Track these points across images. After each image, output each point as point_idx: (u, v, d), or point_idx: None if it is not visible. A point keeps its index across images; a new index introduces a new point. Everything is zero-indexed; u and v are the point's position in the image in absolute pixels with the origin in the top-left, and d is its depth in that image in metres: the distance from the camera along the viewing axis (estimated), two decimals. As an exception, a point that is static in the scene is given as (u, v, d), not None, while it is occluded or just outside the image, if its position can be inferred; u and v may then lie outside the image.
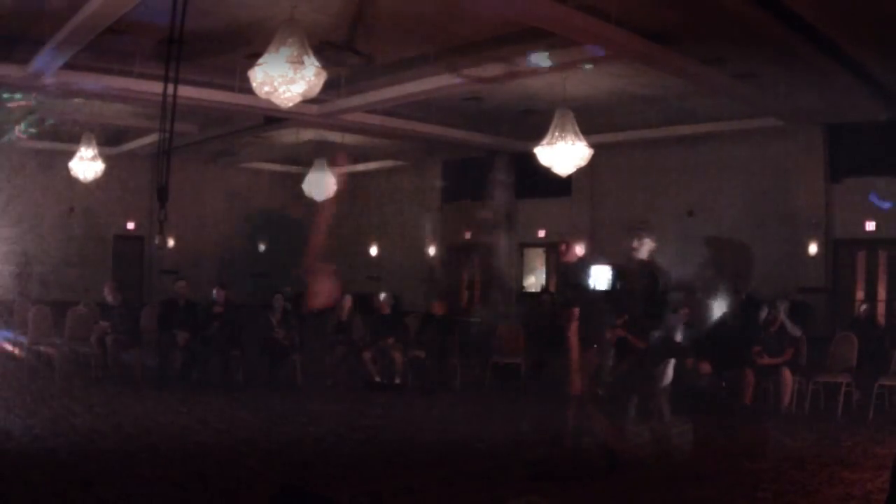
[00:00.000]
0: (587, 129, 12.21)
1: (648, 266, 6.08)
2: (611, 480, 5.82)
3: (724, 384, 8.60)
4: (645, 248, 6.07)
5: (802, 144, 15.05)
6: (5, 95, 13.23)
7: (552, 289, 17.35)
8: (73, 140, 16.02)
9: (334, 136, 17.25)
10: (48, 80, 11.79)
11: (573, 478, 5.83)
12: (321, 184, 16.46)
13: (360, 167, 22.68)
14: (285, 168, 22.46)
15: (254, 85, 8.02)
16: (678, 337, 8.63)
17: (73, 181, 15.98)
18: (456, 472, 6.30)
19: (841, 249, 15.02)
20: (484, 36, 10.27)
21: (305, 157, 17.98)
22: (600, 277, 5.93)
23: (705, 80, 11.65)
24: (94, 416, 7.89)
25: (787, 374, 9.10)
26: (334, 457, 6.81)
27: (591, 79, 12.02)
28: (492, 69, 11.17)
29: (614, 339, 7.22)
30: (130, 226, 21.36)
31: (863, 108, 13.09)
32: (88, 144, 15.40)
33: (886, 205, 12.73)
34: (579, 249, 6.49)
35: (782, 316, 9.53)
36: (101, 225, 20.93)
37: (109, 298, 10.92)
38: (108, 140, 18.11)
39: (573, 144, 11.52)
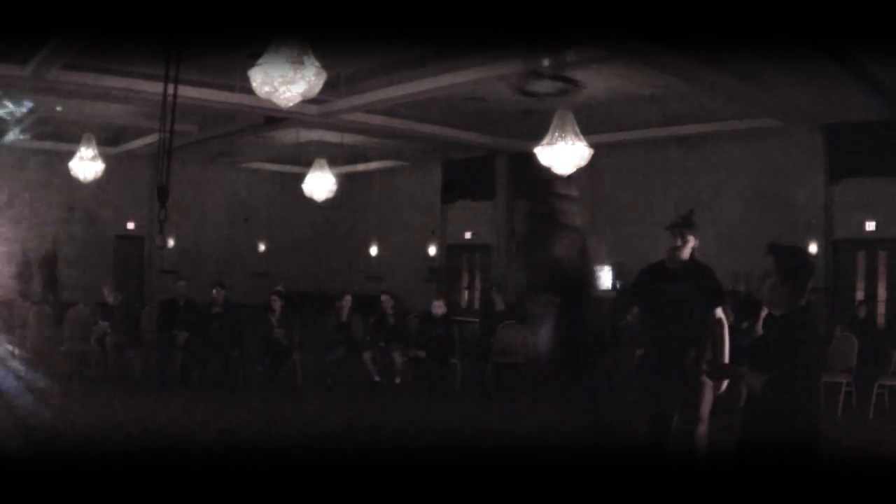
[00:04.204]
0: (587, 129, 12.21)
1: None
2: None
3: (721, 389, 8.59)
4: (689, 248, 5.11)
5: (802, 144, 15.06)
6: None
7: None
8: (73, 140, 16.02)
9: (334, 136, 17.25)
10: (48, 80, 11.80)
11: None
12: (321, 184, 16.47)
13: (360, 167, 22.69)
14: (285, 168, 22.46)
15: (254, 85, 8.02)
16: None
17: (73, 181, 15.99)
18: (456, 473, 6.29)
19: (841, 249, 15.02)
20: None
21: (305, 157, 17.98)
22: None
23: (705, 80, 11.65)
24: (93, 416, 7.89)
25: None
26: (334, 457, 6.80)
27: (591, 79, 12.01)
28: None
29: None
30: (130, 226, 21.36)
31: (863, 108, 13.09)
32: (88, 144, 15.40)
33: None
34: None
35: None
36: (101, 225, 20.93)
37: (109, 298, 10.93)
38: (108, 140, 18.10)
39: (573, 144, 11.51)
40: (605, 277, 4.53)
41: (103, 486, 5.56)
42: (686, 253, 5.14)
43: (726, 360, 5.01)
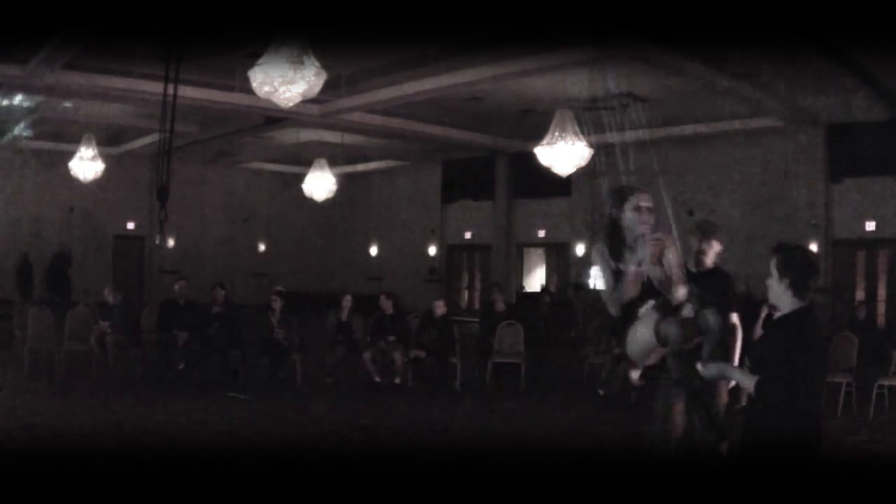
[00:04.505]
0: (587, 130, 12.21)
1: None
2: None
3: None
4: (713, 252, 5.17)
5: (802, 144, 15.07)
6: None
7: (552, 288, 17.34)
8: (73, 140, 16.03)
9: (334, 136, 17.26)
10: (48, 80, 11.80)
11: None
12: (321, 184, 16.48)
13: (360, 167, 22.71)
14: (285, 168, 22.46)
15: (254, 85, 8.02)
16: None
17: (73, 181, 15.99)
18: (456, 473, 6.29)
19: (841, 249, 15.03)
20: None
21: (305, 157, 17.99)
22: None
23: (705, 80, 11.66)
24: (94, 416, 7.89)
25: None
26: (334, 457, 6.80)
27: (591, 79, 12.01)
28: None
29: None
30: (130, 226, 21.37)
31: (863, 108, 13.10)
32: (88, 144, 15.40)
33: None
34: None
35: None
36: (101, 225, 20.93)
37: (109, 298, 10.92)
38: (108, 140, 18.11)
39: (573, 144, 11.51)
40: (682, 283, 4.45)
41: (103, 486, 5.56)
42: (711, 258, 5.19)
43: (736, 363, 5.04)
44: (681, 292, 4.12)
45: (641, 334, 3.93)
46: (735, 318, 5.21)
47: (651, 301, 4.03)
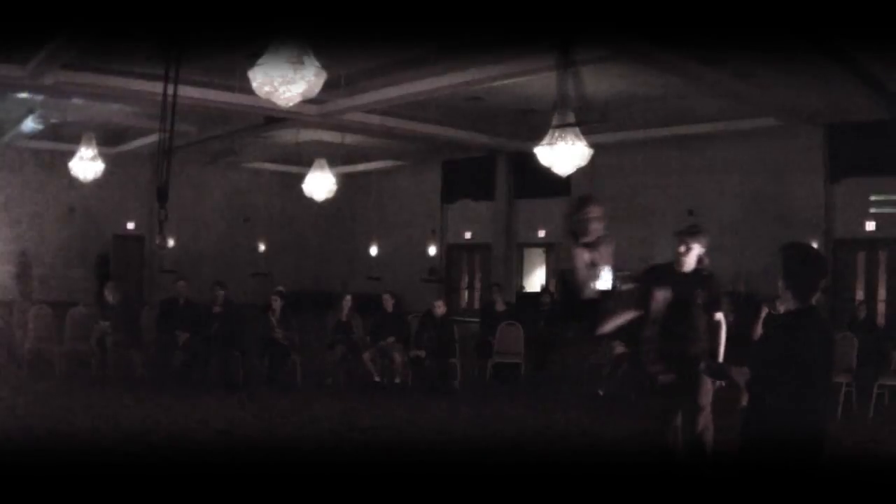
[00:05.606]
0: (587, 130, 12.18)
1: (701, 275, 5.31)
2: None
3: (723, 384, 8.58)
4: (694, 254, 5.26)
5: (802, 144, 15.06)
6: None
7: (552, 289, 17.33)
8: (73, 140, 16.02)
9: (334, 137, 17.25)
10: (48, 80, 11.80)
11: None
12: (321, 184, 16.47)
13: (360, 167, 22.70)
14: (285, 168, 22.46)
15: (254, 85, 8.01)
16: None
17: (73, 181, 15.98)
18: (456, 473, 6.30)
19: (841, 249, 15.02)
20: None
21: (305, 157, 17.98)
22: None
23: (705, 80, 11.65)
24: (94, 416, 7.89)
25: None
26: (334, 457, 6.81)
27: (591, 79, 11.99)
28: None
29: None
30: (130, 226, 21.36)
31: (863, 108, 13.08)
32: (88, 144, 15.39)
33: None
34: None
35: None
36: (101, 225, 20.93)
37: (109, 298, 10.92)
38: (108, 140, 18.10)
39: (573, 144, 11.49)
40: (606, 279, 4.87)
41: (103, 486, 5.57)
42: (691, 260, 5.28)
43: (720, 359, 5.15)
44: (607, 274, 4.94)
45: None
46: (719, 316, 5.28)
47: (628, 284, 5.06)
